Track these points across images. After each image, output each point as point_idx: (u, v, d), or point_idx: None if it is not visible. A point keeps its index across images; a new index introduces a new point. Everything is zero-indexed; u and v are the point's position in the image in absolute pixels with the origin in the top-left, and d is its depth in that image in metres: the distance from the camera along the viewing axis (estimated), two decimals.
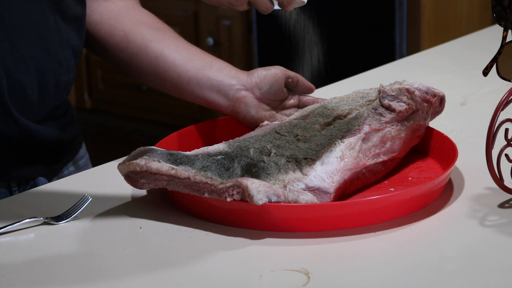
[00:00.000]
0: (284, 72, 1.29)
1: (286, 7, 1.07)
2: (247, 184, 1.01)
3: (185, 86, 1.29)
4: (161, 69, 1.30)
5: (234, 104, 1.27)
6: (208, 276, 0.95)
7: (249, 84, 1.27)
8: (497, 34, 1.15)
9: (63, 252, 1.02)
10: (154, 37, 1.31)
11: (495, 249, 1.00)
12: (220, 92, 1.27)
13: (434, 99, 1.20)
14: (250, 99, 1.26)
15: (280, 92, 1.28)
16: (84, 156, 1.42)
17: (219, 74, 1.28)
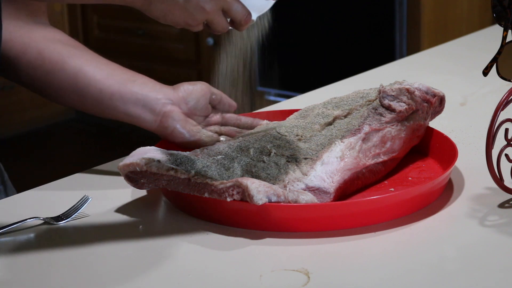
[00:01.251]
0: (209, 88, 1.28)
1: (241, 27, 1.07)
2: (247, 184, 1.01)
3: (108, 102, 1.23)
4: (81, 84, 1.24)
5: (161, 119, 1.22)
6: (208, 276, 0.95)
7: (176, 98, 1.24)
8: (497, 34, 1.15)
9: (63, 252, 1.02)
10: (71, 53, 1.25)
11: (495, 249, 1.00)
12: (146, 106, 1.22)
13: (434, 99, 1.20)
14: (177, 114, 1.23)
15: (206, 107, 1.27)
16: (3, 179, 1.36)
17: (144, 88, 1.23)
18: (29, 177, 1.47)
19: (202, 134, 1.24)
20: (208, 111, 1.28)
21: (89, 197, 1.10)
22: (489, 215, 1.08)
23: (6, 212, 1.11)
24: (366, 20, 3.22)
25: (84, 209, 1.10)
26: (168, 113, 1.23)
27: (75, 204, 1.10)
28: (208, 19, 1.04)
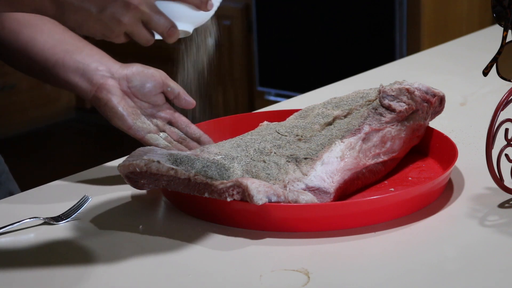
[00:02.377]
0: (165, 78, 1.24)
1: (167, 39, 1.02)
2: (247, 184, 1.01)
3: (51, 70, 1.23)
4: (30, 53, 1.24)
5: (97, 89, 1.21)
6: (208, 276, 0.95)
7: (118, 74, 1.22)
8: (497, 34, 1.15)
9: (63, 252, 1.02)
10: (29, 23, 1.25)
11: (495, 249, 1.00)
12: (84, 75, 1.22)
13: (434, 99, 1.20)
14: (113, 88, 1.21)
15: (152, 95, 1.23)
16: (3, 171, 1.36)
17: (88, 58, 1.22)
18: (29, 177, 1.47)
19: (138, 119, 1.21)
20: (158, 101, 1.24)
21: (89, 197, 1.10)
22: (489, 215, 1.08)
23: (6, 212, 1.11)
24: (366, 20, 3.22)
25: (84, 209, 1.10)
26: (104, 85, 1.21)
27: (75, 204, 1.10)
28: (127, 31, 0.99)
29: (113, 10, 0.97)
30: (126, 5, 0.97)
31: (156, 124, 1.24)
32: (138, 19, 0.98)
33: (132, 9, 0.97)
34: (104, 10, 0.97)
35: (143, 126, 1.21)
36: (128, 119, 1.20)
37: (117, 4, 0.96)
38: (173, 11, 1.00)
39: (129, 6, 0.97)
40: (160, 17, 0.99)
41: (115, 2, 0.96)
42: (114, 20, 0.97)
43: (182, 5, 1.00)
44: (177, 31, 1.01)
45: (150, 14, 0.98)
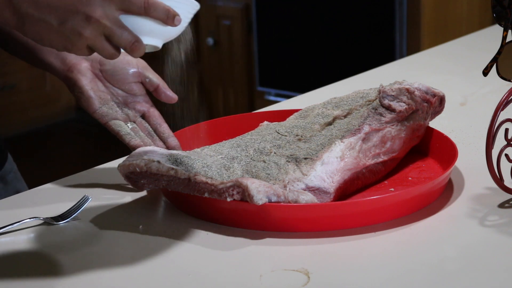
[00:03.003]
0: (143, 68, 1.22)
1: (131, 54, 0.99)
2: (247, 184, 1.01)
3: (32, 51, 1.23)
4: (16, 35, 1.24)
5: (68, 69, 1.21)
6: (208, 276, 0.95)
7: (92, 56, 1.20)
8: (497, 34, 1.15)
9: (63, 252, 1.02)
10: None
11: (495, 249, 1.00)
12: (58, 56, 1.22)
13: (434, 99, 1.20)
14: (84, 69, 1.20)
15: (126, 82, 1.22)
16: (11, 170, 1.37)
17: None
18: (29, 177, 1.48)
19: (105, 104, 1.20)
20: (134, 90, 1.23)
21: (89, 197, 1.10)
22: (489, 215, 1.08)
23: (6, 212, 1.11)
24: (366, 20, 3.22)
25: (84, 209, 1.10)
26: (76, 65, 1.20)
27: (75, 204, 1.10)
28: (89, 45, 0.97)
29: (74, 23, 0.95)
30: (87, 18, 0.95)
31: (127, 113, 1.22)
32: (100, 33, 0.96)
33: (93, 23, 0.95)
34: (65, 23, 0.95)
35: (109, 112, 1.20)
36: (95, 102, 1.19)
37: (78, 17, 0.95)
38: (138, 25, 0.98)
39: (90, 19, 0.95)
40: (123, 32, 0.97)
41: (76, 15, 0.95)
42: (75, 33, 0.95)
43: (147, 20, 0.98)
44: (142, 46, 0.98)
45: (112, 28, 0.96)
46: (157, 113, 1.24)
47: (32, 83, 3.88)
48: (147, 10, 0.97)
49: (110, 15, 0.96)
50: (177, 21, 0.98)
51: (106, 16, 0.96)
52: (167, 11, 0.97)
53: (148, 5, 0.96)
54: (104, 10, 0.95)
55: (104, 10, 0.95)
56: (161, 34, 1.00)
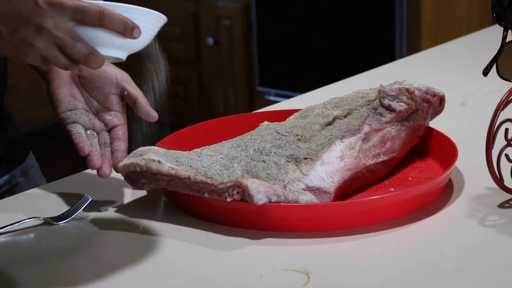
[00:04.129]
0: (121, 80, 1.16)
1: (87, 66, 0.96)
2: (247, 184, 1.01)
3: None
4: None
5: (50, 70, 1.18)
6: (208, 276, 0.95)
7: None
8: (497, 34, 1.15)
9: (63, 252, 1.02)
10: None
11: (495, 249, 1.00)
12: None
13: (434, 99, 1.20)
14: (63, 72, 1.17)
15: (101, 92, 1.16)
16: (33, 165, 1.36)
17: None
18: None
19: (73, 109, 1.16)
20: (109, 102, 1.16)
21: (89, 197, 1.10)
22: (489, 215, 1.08)
23: (6, 212, 1.11)
24: (366, 20, 3.22)
25: (84, 209, 1.10)
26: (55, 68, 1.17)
27: (75, 204, 1.10)
28: (42, 55, 0.94)
29: (25, 33, 0.93)
30: (38, 28, 0.92)
31: (93, 123, 1.16)
32: (53, 44, 0.93)
33: (45, 33, 0.92)
34: (16, 33, 0.93)
35: (72, 116, 1.16)
36: (60, 105, 1.16)
37: (29, 27, 0.92)
38: (94, 37, 0.95)
39: (42, 30, 0.92)
40: (76, 43, 0.94)
41: (27, 25, 0.92)
42: (26, 43, 0.93)
43: (104, 31, 0.95)
44: (98, 58, 0.95)
45: (64, 39, 0.93)
46: (124, 131, 1.17)
47: (32, 83, 3.88)
48: (102, 21, 0.94)
49: (63, 26, 0.93)
50: (136, 33, 0.95)
51: (57, 26, 0.93)
52: (125, 22, 0.94)
53: (103, 17, 0.94)
54: (55, 20, 0.93)
55: (55, 21, 0.93)
56: (121, 46, 0.97)
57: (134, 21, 0.96)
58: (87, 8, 0.93)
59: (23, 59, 0.95)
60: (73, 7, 0.93)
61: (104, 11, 0.93)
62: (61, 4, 0.92)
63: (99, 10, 0.93)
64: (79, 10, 0.93)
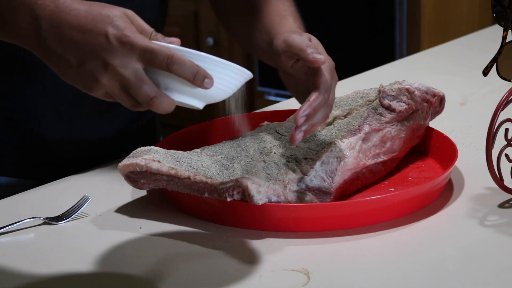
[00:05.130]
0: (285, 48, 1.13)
1: (152, 110, 0.92)
2: (247, 184, 1.01)
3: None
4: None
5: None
6: (208, 276, 0.95)
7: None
8: (497, 34, 1.15)
9: (63, 252, 1.02)
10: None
11: (495, 249, 1.00)
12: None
13: (434, 99, 1.20)
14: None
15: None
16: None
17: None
18: None
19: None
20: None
21: (89, 197, 1.10)
22: (489, 215, 1.08)
23: (6, 212, 1.11)
24: (366, 20, 3.21)
25: (84, 209, 1.10)
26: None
27: (75, 204, 1.10)
28: (107, 92, 0.92)
29: (92, 67, 0.90)
30: (105, 64, 0.90)
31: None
32: (118, 82, 0.91)
33: (110, 70, 0.90)
34: (84, 65, 0.91)
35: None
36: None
37: (97, 62, 0.90)
38: (164, 81, 0.91)
39: (108, 66, 0.90)
40: (141, 85, 0.90)
41: (95, 59, 0.90)
42: (92, 77, 0.91)
43: (175, 77, 0.90)
44: (162, 103, 0.91)
45: (129, 79, 0.90)
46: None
47: None
48: (170, 66, 0.89)
49: (130, 66, 0.90)
50: (208, 84, 0.91)
51: (124, 65, 0.90)
52: (195, 71, 0.90)
53: (172, 61, 0.89)
54: (123, 59, 0.90)
55: (123, 60, 0.90)
56: (195, 95, 0.92)
57: (209, 71, 0.91)
58: (157, 51, 0.89)
59: (88, 92, 0.93)
60: (143, 48, 0.89)
61: (174, 56, 0.89)
62: (131, 44, 0.89)
63: (168, 55, 0.89)
64: (148, 51, 0.89)
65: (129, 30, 0.90)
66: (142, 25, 0.94)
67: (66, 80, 0.94)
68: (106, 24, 0.90)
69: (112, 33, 0.90)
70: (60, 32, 0.91)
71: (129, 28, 0.91)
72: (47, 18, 0.92)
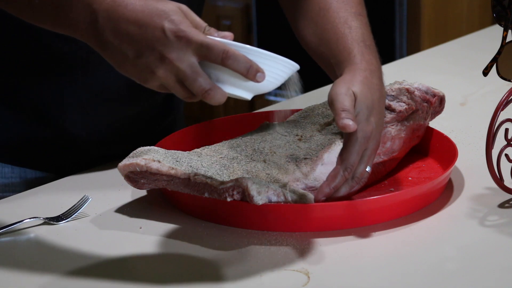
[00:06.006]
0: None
1: (205, 100, 0.95)
2: (247, 184, 1.01)
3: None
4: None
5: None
6: (208, 276, 0.95)
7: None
8: (497, 34, 1.15)
9: (63, 252, 1.02)
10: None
11: (495, 249, 1.00)
12: None
13: (434, 99, 1.20)
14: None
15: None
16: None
17: None
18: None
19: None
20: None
21: (89, 197, 1.10)
22: (489, 215, 1.08)
23: (6, 212, 1.11)
24: None
25: (84, 209, 1.10)
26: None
27: (75, 204, 1.10)
28: (162, 84, 0.94)
29: (148, 60, 0.93)
30: (161, 58, 0.92)
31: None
32: (174, 75, 0.93)
33: (167, 63, 0.92)
34: (140, 58, 0.93)
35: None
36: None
37: (153, 54, 0.93)
38: (217, 74, 0.94)
39: (165, 60, 0.92)
40: (197, 77, 0.93)
41: (151, 52, 0.93)
42: (148, 69, 0.93)
43: (228, 70, 0.93)
44: (217, 95, 0.93)
45: (185, 72, 0.92)
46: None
47: None
48: (225, 60, 0.92)
49: (186, 59, 0.92)
50: (260, 77, 0.93)
51: (181, 59, 0.92)
52: (248, 65, 0.93)
53: (227, 56, 0.92)
54: (179, 53, 0.92)
55: (179, 53, 0.92)
56: (245, 87, 0.95)
57: (260, 65, 0.93)
58: (212, 45, 0.92)
59: (144, 84, 0.95)
60: (199, 43, 0.92)
61: (229, 51, 0.92)
62: (187, 38, 0.92)
63: (223, 49, 0.92)
64: (204, 46, 0.92)
65: (184, 25, 0.93)
66: (196, 20, 0.96)
67: (122, 72, 0.96)
68: (162, 19, 0.93)
69: (168, 28, 0.92)
70: (117, 26, 0.94)
71: (184, 23, 0.93)
72: (104, 12, 0.94)
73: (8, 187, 1.25)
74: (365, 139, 1.04)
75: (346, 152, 1.03)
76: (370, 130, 1.04)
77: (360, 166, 1.04)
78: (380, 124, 1.07)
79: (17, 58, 1.21)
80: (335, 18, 1.18)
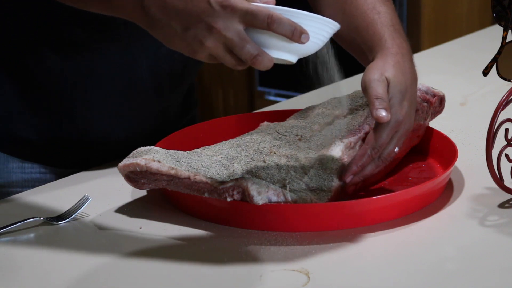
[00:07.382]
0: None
1: (254, 67, 0.98)
2: (247, 184, 1.01)
3: None
4: None
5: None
6: (208, 276, 0.95)
7: None
8: (497, 34, 1.15)
9: (63, 252, 1.02)
10: None
11: (495, 249, 1.00)
12: None
13: (434, 99, 1.20)
14: None
15: None
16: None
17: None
18: None
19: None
20: None
21: (89, 197, 1.10)
22: (489, 215, 1.08)
23: (6, 212, 1.11)
24: None
25: (84, 209, 1.10)
26: None
27: (75, 204, 1.10)
28: (211, 53, 0.97)
29: (197, 31, 0.96)
30: (209, 28, 0.95)
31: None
32: (222, 44, 0.96)
33: (214, 33, 0.95)
34: (188, 30, 0.96)
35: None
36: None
37: (201, 26, 0.95)
38: (263, 39, 0.96)
39: (212, 30, 0.95)
40: (244, 44, 0.96)
41: (199, 24, 0.95)
42: (197, 41, 0.96)
43: (273, 34, 0.95)
44: (265, 60, 0.96)
45: (233, 40, 0.95)
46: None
47: None
48: (270, 25, 0.95)
49: (232, 27, 0.95)
50: (305, 38, 0.96)
51: (227, 28, 0.95)
52: (293, 27, 0.95)
53: (272, 21, 0.95)
54: (226, 22, 0.95)
55: (226, 22, 0.95)
56: (290, 50, 0.98)
57: (303, 26, 0.96)
58: (257, 11, 0.95)
59: (193, 56, 0.98)
60: (244, 10, 0.95)
61: (273, 15, 0.95)
62: (232, 7, 0.94)
63: (268, 14, 0.95)
64: (249, 13, 0.95)
65: None
66: None
67: (171, 47, 0.98)
68: None
69: None
70: (163, 2, 0.96)
71: None
72: None
73: (27, 182, 1.27)
74: (397, 122, 1.06)
75: (377, 134, 1.06)
76: (403, 114, 1.07)
77: (389, 146, 1.08)
78: (412, 107, 1.09)
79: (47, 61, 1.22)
80: (363, 5, 1.19)
